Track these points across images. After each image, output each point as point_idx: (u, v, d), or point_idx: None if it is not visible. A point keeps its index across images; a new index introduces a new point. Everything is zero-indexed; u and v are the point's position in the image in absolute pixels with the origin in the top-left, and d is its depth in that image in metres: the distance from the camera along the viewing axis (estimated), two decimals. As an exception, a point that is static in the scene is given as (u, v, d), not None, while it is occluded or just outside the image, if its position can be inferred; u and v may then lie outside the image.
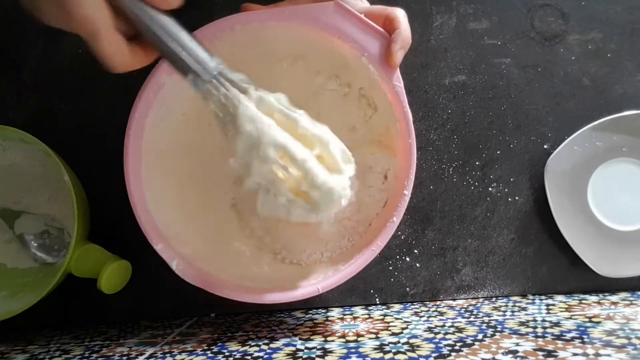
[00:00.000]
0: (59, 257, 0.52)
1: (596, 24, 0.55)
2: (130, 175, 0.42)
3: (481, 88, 0.54)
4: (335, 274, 0.43)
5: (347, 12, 0.41)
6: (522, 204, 0.54)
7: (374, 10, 0.43)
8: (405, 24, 0.41)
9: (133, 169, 0.42)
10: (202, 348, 0.42)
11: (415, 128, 0.42)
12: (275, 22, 0.41)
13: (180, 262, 0.42)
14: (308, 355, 0.38)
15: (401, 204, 0.42)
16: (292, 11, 0.41)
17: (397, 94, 0.42)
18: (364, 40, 0.41)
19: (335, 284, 0.42)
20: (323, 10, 0.41)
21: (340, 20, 0.41)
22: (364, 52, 0.41)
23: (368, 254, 0.42)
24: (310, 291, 0.42)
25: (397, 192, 0.43)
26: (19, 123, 0.49)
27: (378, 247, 0.42)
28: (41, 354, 0.44)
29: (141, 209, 0.42)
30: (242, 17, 0.42)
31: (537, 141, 0.54)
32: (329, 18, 0.41)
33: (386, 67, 0.41)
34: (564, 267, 0.53)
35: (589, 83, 0.54)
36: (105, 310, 0.53)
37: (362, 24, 0.41)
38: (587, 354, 0.34)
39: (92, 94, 0.53)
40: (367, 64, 0.42)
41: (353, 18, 0.41)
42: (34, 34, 0.53)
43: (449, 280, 0.54)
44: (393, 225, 0.42)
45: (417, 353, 0.37)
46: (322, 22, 0.41)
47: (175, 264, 0.42)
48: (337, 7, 0.41)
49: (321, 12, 0.41)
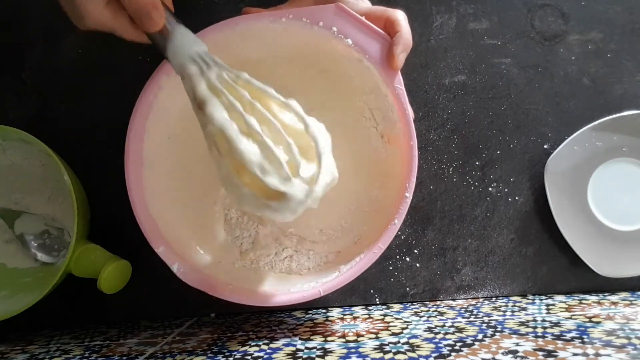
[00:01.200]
0: (59, 257, 0.52)
1: (596, 24, 0.55)
2: (131, 178, 0.42)
3: (481, 88, 0.54)
4: (337, 276, 0.43)
5: (348, 15, 0.41)
6: (522, 204, 0.54)
7: (375, 11, 0.43)
8: (406, 26, 0.41)
9: (134, 172, 0.42)
10: (202, 348, 0.42)
11: (415, 128, 0.42)
12: (277, 25, 0.41)
13: (181, 265, 0.42)
14: (308, 355, 0.38)
15: (402, 207, 0.42)
16: (293, 13, 0.41)
17: (398, 96, 0.42)
18: (365, 43, 0.41)
19: (336, 286, 0.42)
20: (324, 13, 0.41)
21: (341, 22, 0.41)
22: (365, 54, 0.41)
23: (369, 256, 0.42)
24: (312, 293, 0.42)
25: (398, 194, 0.43)
26: (19, 123, 0.49)
27: (379, 249, 0.42)
28: (41, 354, 0.44)
29: (142, 211, 0.42)
30: (243, 19, 0.42)
31: (537, 141, 0.54)
32: (330, 20, 0.41)
33: (388, 70, 0.41)
34: (564, 267, 0.53)
35: (589, 83, 0.54)
36: (105, 310, 0.53)
37: (363, 26, 0.41)
38: (587, 354, 0.34)
39: (92, 94, 0.53)
40: (369, 66, 0.42)
41: (354, 20, 0.41)
42: (34, 34, 0.53)
43: (449, 280, 0.54)
44: (394, 227, 0.42)
45: (417, 353, 0.37)
46: (324, 25, 0.41)
47: (176, 267, 0.42)
48: (338, 9, 0.41)
49: (322, 14, 0.41)
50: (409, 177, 0.42)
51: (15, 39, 0.53)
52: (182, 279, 0.42)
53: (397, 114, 0.43)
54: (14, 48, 0.53)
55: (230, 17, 0.42)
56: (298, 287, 0.44)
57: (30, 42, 0.53)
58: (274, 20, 0.41)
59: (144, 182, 0.43)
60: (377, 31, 0.41)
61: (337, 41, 0.41)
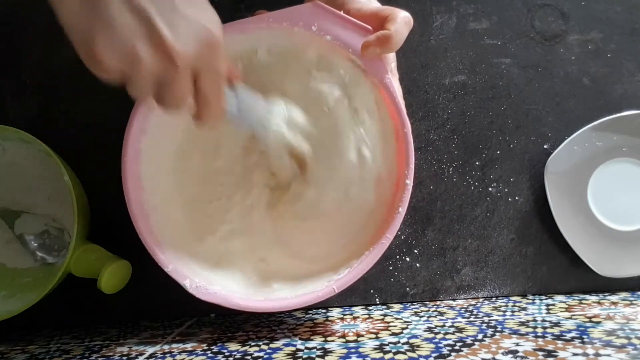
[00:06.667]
0: (59, 257, 0.52)
1: (596, 24, 0.55)
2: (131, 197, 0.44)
3: (481, 88, 0.54)
4: (348, 272, 0.42)
5: (324, 11, 0.42)
6: (522, 204, 0.54)
7: (384, 11, 0.43)
8: (400, 27, 0.41)
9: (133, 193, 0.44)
10: (202, 348, 0.42)
11: (415, 128, 0.43)
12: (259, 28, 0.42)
13: (192, 281, 0.43)
14: (308, 355, 0.38)
15: (405, 194, 0.42)
16: (272, 17, 0.42)
17: (386, 86, 0.42)
18: (346, 36, 0.42)
19: (349, 281, 0.42)
20: (300, 12, 0.42)
21: (319, 19, 0.42)
22: (349, 48, 0.42)
23: (378, 248, 0.42)
24: (327, 292, 0.42)
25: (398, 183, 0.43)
26: (19, 123, 0.49)
27: (387, 239, 0.42)
28: (41, 354, 0.44)
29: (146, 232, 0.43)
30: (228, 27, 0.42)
31: (537, 141, 0.54)
32: (308, 19, 0.42)
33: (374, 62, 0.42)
34: (564, 267, 0.53)
35: (589, 83, 0.54)
36: (105, 310, 0.53)
37: (341, 20, 0.42)
38: (587, 354, 0.34)
39: (92, 94, 0.53)
40: (354, 59, 0.43)
41: (331, 16, 0.42)
42: (34, 35, 0.53)
43: (449, 280, 0.54)
44: (399, 216, 0.42)
45: (417, 353, 0.37)
46: (303, 25, 0.42)
47: (188, 283, 0.43)
48: (314, 7, 0.42)
49: (299, 13, 0.42)
50: (407, 165, 0.42)
51: (15, 39, 0.53)
52: (195, 295, 0.43)
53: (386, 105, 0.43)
54: (15, 48, 0.53)
55: (231, 19, 0.43)
56: (311, 287, 0.43)
57: (30, 42, 0.53)
58: (257, 24, 0.42)
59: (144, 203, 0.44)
60: (356, 24, 0.42)
61: (320, 39, 0.42)
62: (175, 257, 0.44)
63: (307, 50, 0.45)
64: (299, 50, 0.45)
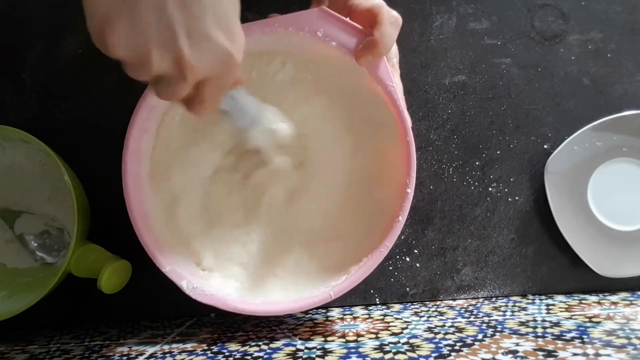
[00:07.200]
0: (59, 257, 0.52)
1: (596, 24, 0.55)
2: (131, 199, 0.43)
3: (481, 88, 0.54)
4: (346, 278, 0.43)
5: (330, 17, 0.41)
6: (522, 204, 0.54)
7: (374, 8, 0.42)
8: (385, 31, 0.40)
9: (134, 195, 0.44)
10: (202, 348, 0.42)
11: (415, 128, 0.42)
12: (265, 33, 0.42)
13: (189, 283, 0.43)
14: (308, 355, 0.38)
15: (405, 203, 0.42)
16: (278, 22, 0.42)
17: (390, 94, 0.42)
18: (352, 43, 0.42)
19: (346, 288, 0.43)
20: (307, 17, 0.42)
21: (325, 25, 0.41)
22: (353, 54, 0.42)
23: (376, 256, 0.42)
24: (323, 298, 0.42)
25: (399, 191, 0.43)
26: (19, 123, 0.49)
27: (386, 247, 0.42)
28: (41, 354, 0.44)
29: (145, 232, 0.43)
30: None
31: (537, 141, 0.54)
32: (315, 24, 0.41)
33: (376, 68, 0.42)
34: (564, 267, 0.53)
35: (589, 83, 0.54)
36: (105, 310, 0.53)
37: (345, 26, 0.41)
38: (587, 354, 0.34)
39: (92, 94, 0.53)
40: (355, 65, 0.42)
41: (338, 22, 0.41)
42: (34, 34, 0.53)
43: (449, 280, 0.54)
44: (399, 224, 0.42)
45: (417, 353, 0.37)
46: (309, 30, 0.42)
47: (185, 284, 0.43)
48: (320, 12, 0.41)
49: (305, 19, 0.42)
50: (408, 174, 0.42)
51: (15, 39, 0.53)
52: (192, 297, 0.43)
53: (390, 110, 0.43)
54: (14, 48, 0.53)
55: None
56: (308, 293, 0.44)
57: (30, 42, 0.53)
58: (263, 29, 0.42)
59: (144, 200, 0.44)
60: (358, 30, 0.41)
61: (325, 44, 0.42)
62: (174, 258, 0.44)
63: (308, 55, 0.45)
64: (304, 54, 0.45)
